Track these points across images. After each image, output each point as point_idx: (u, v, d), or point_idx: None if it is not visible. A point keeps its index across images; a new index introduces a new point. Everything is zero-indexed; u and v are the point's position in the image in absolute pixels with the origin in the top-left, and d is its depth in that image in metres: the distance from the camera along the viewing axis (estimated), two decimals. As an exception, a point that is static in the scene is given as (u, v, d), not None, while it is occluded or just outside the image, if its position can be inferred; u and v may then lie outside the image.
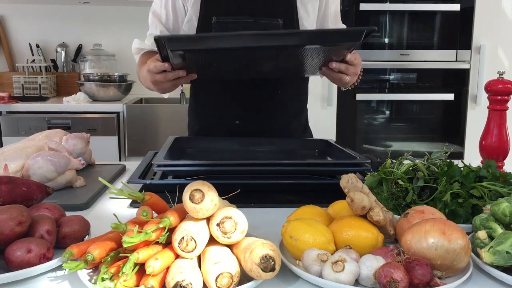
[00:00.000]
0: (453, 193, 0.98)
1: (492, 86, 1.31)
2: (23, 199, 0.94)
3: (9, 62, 3.59)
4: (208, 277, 0.70)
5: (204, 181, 0.77)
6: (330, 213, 0.95)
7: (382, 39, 3.21)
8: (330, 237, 0.83)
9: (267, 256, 0.71)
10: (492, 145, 1.34)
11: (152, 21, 1.60)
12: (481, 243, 0.83)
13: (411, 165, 1.08)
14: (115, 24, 3.65)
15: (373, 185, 1.07)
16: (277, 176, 1.28)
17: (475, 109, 3.20)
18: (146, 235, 0.72)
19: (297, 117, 1.71)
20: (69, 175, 1.25)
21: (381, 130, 3.32)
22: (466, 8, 3.11)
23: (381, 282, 0.71)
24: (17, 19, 3.61)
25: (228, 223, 0.76)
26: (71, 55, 3.65)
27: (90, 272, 0.77)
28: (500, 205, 0.86)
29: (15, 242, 0.79)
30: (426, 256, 0.75)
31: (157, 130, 3.05)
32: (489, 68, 3.11)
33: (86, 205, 1.14)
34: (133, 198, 0.80)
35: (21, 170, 1.20)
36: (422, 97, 3.23)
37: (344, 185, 0.90)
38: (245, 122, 1.61)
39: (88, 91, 3.20)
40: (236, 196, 0.87)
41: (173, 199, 0.84)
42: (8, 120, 2.96)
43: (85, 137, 1.44)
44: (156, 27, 1.58)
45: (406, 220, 0.87)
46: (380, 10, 3.14)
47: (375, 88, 3.25)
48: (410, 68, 3.20)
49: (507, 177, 1.04)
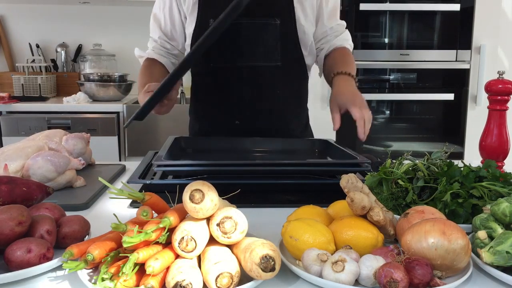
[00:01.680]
0: (453, 193, 0.98)
1: (492, 86, 1.31)
2: (23, 199, 0.94)
3: (9, 62, 3.59)
4: (208, 277, 0.70)
5: (204, 181, 0.77)
6: (330, 213, 0.95)
7: (382, 39, 3.21)
8: (330, 237, 0.83)
9: (267, 256, 0.71)
10: (492, 145, 1.34)
11: (153, 26, 1.63)
12: (481, 243, 0.83)
13: (411, 165, 1.08)
14: (115, 24, 3.65)
15: (373, 185, 1.07)
16: (277, 176, 1.28)
17: (475, 109, 3.20)
18: (146, 235, 0.72)
19: (297, 116, 1.71)
20: (69, 175, 1.25)
21: (381, 130, 3.32)
22: (466, 8, 3.11)
23: (381, 282, 0.71)
24: (17, 19, 3.61)
25: (228, 223, 0.76)
26: (71, 55, 3.65)
27: (90, 272, 0.77)
28: (500, 205, 0.86)
29: (15, 242, 0.79)
30: (426, 256, 0.75)
31: (157, 130, 3.05)
32: (489, 68, 3.11)
33: (86, 205, 1.14)
34: (133, 198, 0.80)
35: (21, 170, 1.20)
36: (422, 97, 3.23)
37: (344, 185, 0.90)
38: (244, 122, 1.61)
39: (88, 91, 3.20)
40: (236, 196, 0.87)
41: (173, 199, 0.84)
42: (8, 120, 2.96)
43: (85, 137, 1.44)
44: (155, 32, 1.62)
45: (406, 220, 0.87)
46: (380, 10, 3.14)
47: (375, 88, 3.25)
48: (410, 68, 3.20)
49: (507, 177, 1.04)
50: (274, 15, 1.52)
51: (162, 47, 1.62)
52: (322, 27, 1.62)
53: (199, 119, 1.71)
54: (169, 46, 1.62)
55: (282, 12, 1.53)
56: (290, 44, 1.55)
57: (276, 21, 1.52)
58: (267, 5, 1.52)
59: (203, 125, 1.70)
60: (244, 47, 1.54)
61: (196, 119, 1.72)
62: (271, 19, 1.52)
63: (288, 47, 1.55)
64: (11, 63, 3.59)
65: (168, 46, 1.62)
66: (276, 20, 1.52)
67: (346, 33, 1.66)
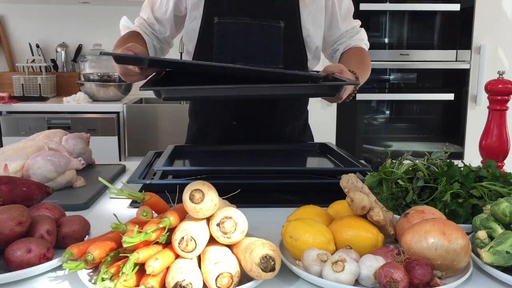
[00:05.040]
0: (453, 193, 0.98)
1: (492, 86, 1.31)
2: (23, 199, 0.94)
3: (9, 62, 3.59)
4: (208, 277, 0.70)
5: (204, 181, 0.77)
6: (330, 213, 0.95)
7: (382, 39, 3.21)
8: (330, 237, 0.83)
9: (267, 256, 0.71)
10: (492, 145, 1.34)
11: (145, 6, 1.62)
12: (481, 243, 0.83)
13: (411, 165, 1.08)
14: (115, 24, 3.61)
15: (373, 185, 1.07)
16: (277, 176, 1.28)
17: (475, 109, 3.20)
18: (146, 235, 0.72)
19: (296, 118, 1.70)
20: (69, 175, 1.25)
21: (381, 130, 3.32)
22: (466, 8, 3.11)
23: (381, 282, 0.71)
24: (17, 19, 3.61)
25: (228, 223, 0.76)
26: (71, 55, 3.65)
27: (90, 272, 0.77)
28: (500, 205, 0.86)
29: (15, 242, 0.79)
30: (426, 256, 0.75)
31: (157, 130, 3.05)
32: (489, 68, 3.11)
33: (86, 205, 1.14)
34: (133, 198, 0.80)
35: (21, 170, 1.20)
36: (422, 97, 3.23)
37: (344, 185, 0.90)
38: (242, 123, 1.61)
39: (88, 91, 3.20)
40: (236, 196, 0.87)
41: (173, 199, 0.84)
42: (8, 120, 2.96)
43: (85, 137, 1.44)
44: (145, 12, 1.61)
45: (406, 220, 0.87)
46: (380, 10, 3.14)
47: (375, 88, 3.25)
48: (410, 68, 3.20)
49: (507, 177, 1.04)
50: (278, 17, 1.50)
51: (149, 27, 1.59)
52: (338, 31, 1.60)
53: (197, 120, 1.71)
54: (156, 28, 1.59)
55: (287, 15, 1.51)
56: (293, 47, 1.53)
57: (280, 23, 1.50)
58: (271, 6, 1.50)
59: (200, 125, 1.69)
60: (246, 48, 1.53)
61: (194, 119, 1.72)
62: (275, 21, 1.50)
63: (291, 50, 1.53)
64: (11, 63, 3.59)
65: (156, 27, 1.59)
66: (280, 22, 1.50)
67: (362, 33, 1.64)
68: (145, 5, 1.63)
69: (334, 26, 1.60)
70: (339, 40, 1.63)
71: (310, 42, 1.56)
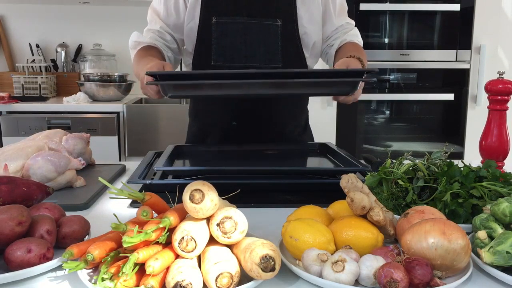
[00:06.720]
0: (453, 193, 0.98)
1: (492, 86, 1.31)
2: (23, 199, 0.94)
3: (9, 62, 3.59)
4: (208, 277, 0.70)
5: (204, 181, 0.77)
6: (330, 213, 0.95)
7: (382, 39, 3.21)
8: (330, 237, 0.83)
9: (267, 256, 0.71)
10: (492, 145, 1.34)
11: (152, 17, 1.58)
12: (481, 243, 0.83)
13: (411, 165, 1.08)
14: (115, 24, 3.65)
15: (373, 185, 1.07)
16: (277, 176, 1.28)
17: (475, 109, 3.20)
18: (146, 235, 0.72)
19: (296, 118, 1.70)
20: (69, 175, 1.25)
21: (381, 130, 3.32)
22: (466, 8, 3.11)
23: (381, 282, 0.71)
24: (17, 19, 3.61)
25: (228, 223, 0.76)
26: (71, 55, 3.65)
27: (90, 272, 0.77)
28: (500, 205, 0.86)
29: (15, 242, 0.79)
30: (426, 256, 0.75)
31: (157, 130, 3.05)
32: (489, 68, 3.11)
33: (86, 205, 1.14)
34: (133, 198, 0.80)
35: (21, 170, 1.20)
36: (422, 97, 3.23)
37: (344, 185, 0.90)
38: (242, 123, 1.61)
39: (88, 91, 3.20)
40: (236, 196, 0.87)
41: (173, 199, 0.84)
42: (8, 120, 2.96)
43: (85, 137, 1.44)
44: (156, 23, 1.56)
45: (406, 220, 0.87)
46: (380, 10, 3.14)
47: (375, 88, 3.25)
48: (410, 68, 3.20)
49: (507, 177, 1.04)
50: (276, 16, 1.51)
51: (161, 38, 1.56)
52: (331, 26, 1.60)
53: (197, 120, 1.71)
54: (169, 37, 1.56)
55: (284, 13, 1.51)
56: (291, 45, 1.54)
57: (277, 22, 1.51)
58: (269, 5, 1.51)
59: (200, 125, 1.69)
60: (245, 47, 1.53)
61: (194, 119, 1.72)
62: (272, 20, 1.51)
63: (290, 48, 1.54)
64: (11, 63, 3.59)
65: (168, 37, 1.56)
66: (277, 20, 1.51)
67: (355, 30, 1.65)
68: (151, 17, 1.59)
69: (328, 21, 1.60)
70: (333, 35, 1.62)
71: (307, 39, 1.56)
